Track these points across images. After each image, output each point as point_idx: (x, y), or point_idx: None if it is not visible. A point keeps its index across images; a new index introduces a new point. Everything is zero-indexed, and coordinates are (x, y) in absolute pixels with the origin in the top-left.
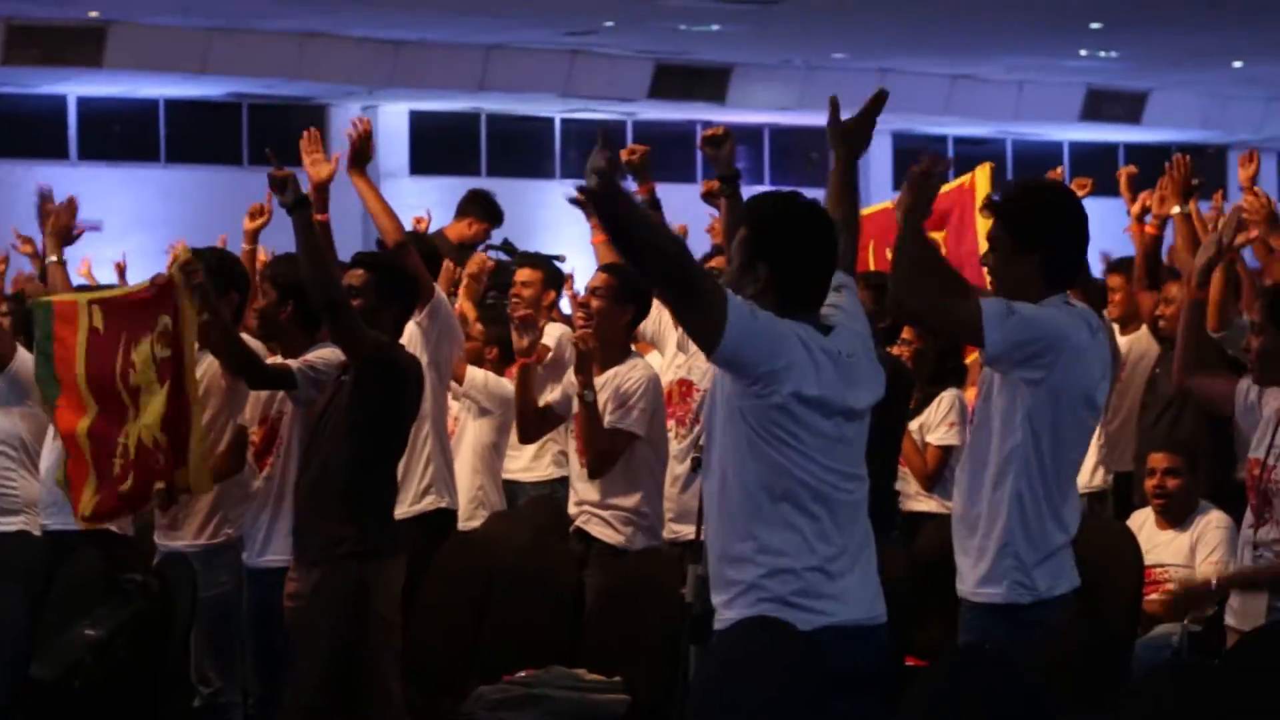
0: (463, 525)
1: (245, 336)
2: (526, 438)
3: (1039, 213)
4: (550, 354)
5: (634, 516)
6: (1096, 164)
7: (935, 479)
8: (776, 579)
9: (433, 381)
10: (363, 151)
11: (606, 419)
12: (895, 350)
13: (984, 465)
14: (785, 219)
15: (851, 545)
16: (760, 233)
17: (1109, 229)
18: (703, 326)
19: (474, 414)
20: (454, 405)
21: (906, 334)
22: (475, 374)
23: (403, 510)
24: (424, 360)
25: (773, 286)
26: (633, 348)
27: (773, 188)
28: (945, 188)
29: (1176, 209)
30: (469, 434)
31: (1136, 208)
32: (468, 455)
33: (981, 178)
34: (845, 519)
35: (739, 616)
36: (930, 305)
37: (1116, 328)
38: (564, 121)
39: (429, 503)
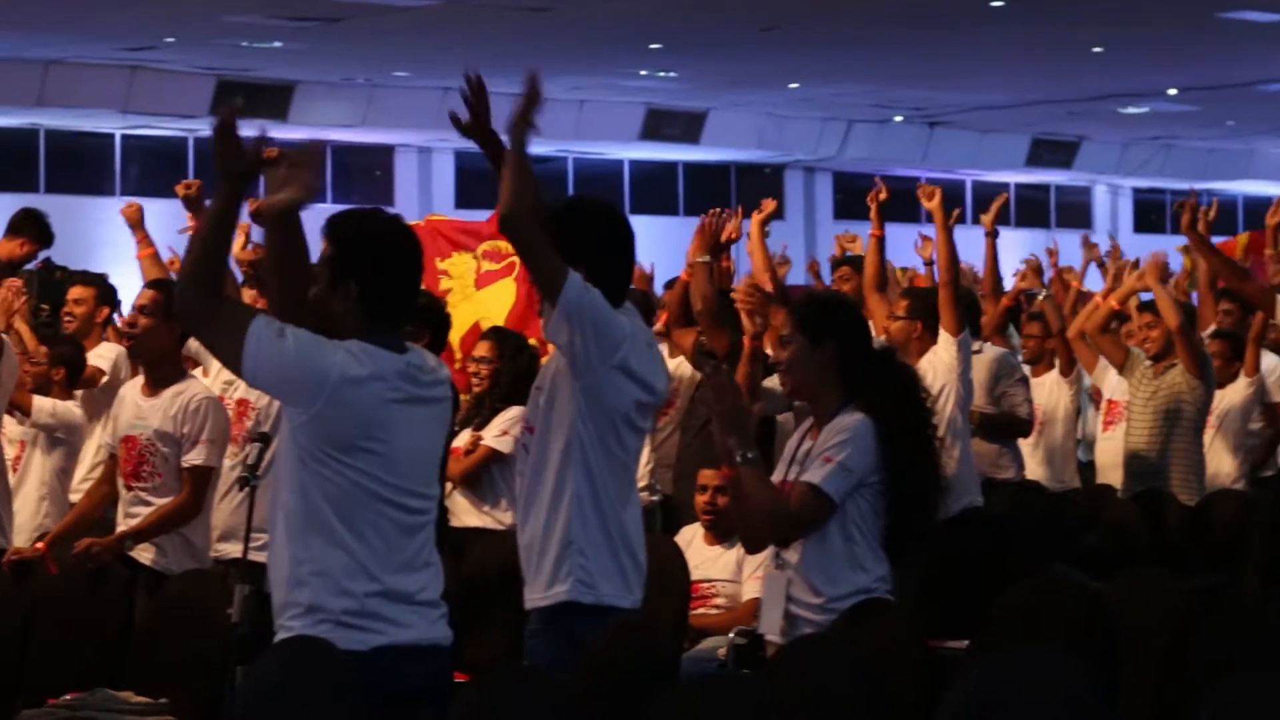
0: None
1: None
2: None
3: (584, 228)
4: (105, 378)
5: (178, 539)
6: (656, 183)
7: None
8: (336, 599)
9: None
10: None
11: None
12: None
13: (541, 474)
14: (370, 235)
15: (416, 563)
16: (346, 250)
17: (668, 247)
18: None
19: (45, 445)
20: (11, 431)
21: (484, 350)
22: (43, 403)
23: None
24: None
25: (361, 304)
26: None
27: (335, 205)
28: None
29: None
30: (35, 465)
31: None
32: (34, 486)
33: None
34: (408, 537)
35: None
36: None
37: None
38: (124, 138)
39: None
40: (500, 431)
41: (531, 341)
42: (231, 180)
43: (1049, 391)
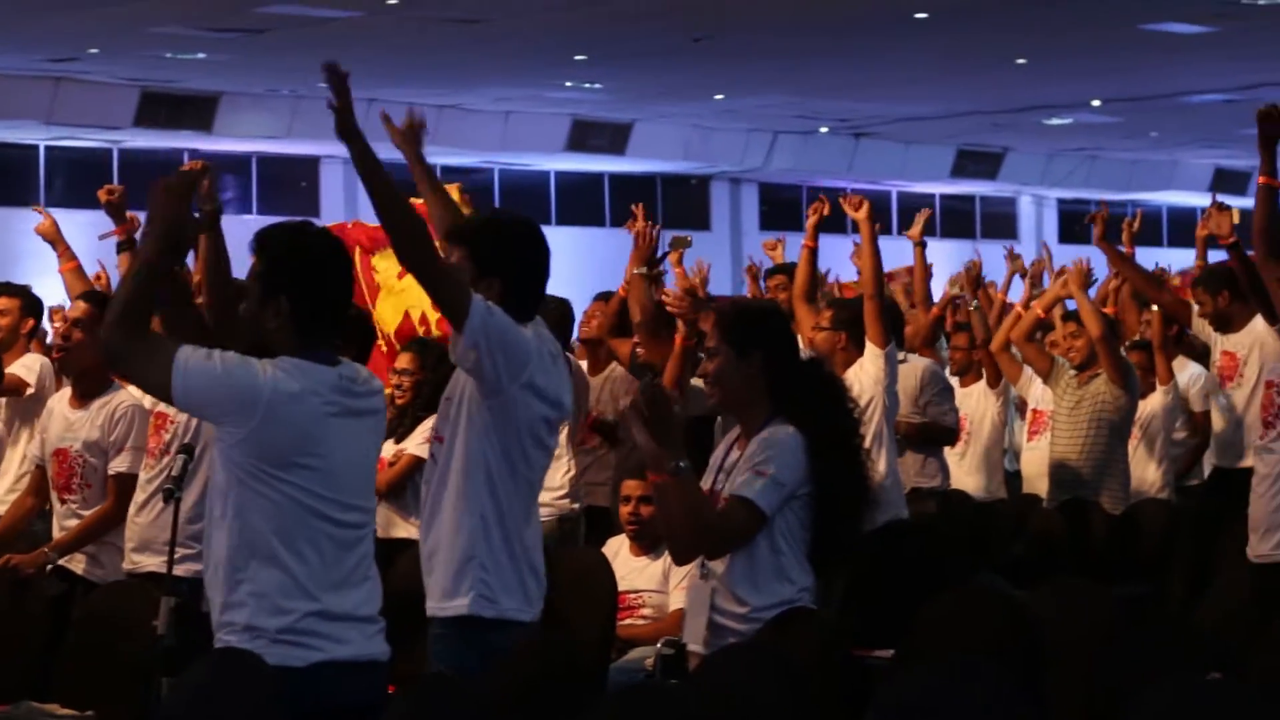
0: None
1: None
2: None
3: (502, 242)
4: (30, 389)
5: (112, 549)
6: (582, 194)
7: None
8: (273, 618)
9: None
10: None
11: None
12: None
13: (446, 485)
14: (300, 250)
15: (354, 579)
16: (276, 266)
17: (594, 257)
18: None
19: None
20: None
21: (405, 362)
22: None
23: None
24: None
25: (293, 319)
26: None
27: (261, 217)
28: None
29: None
30: None
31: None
32: None
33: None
34: (346, 552)
35: None
36: None
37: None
38: (48, 149)
39: None
40: (424, 440)
41: None
42: (166, 231)
43: (976, 402)
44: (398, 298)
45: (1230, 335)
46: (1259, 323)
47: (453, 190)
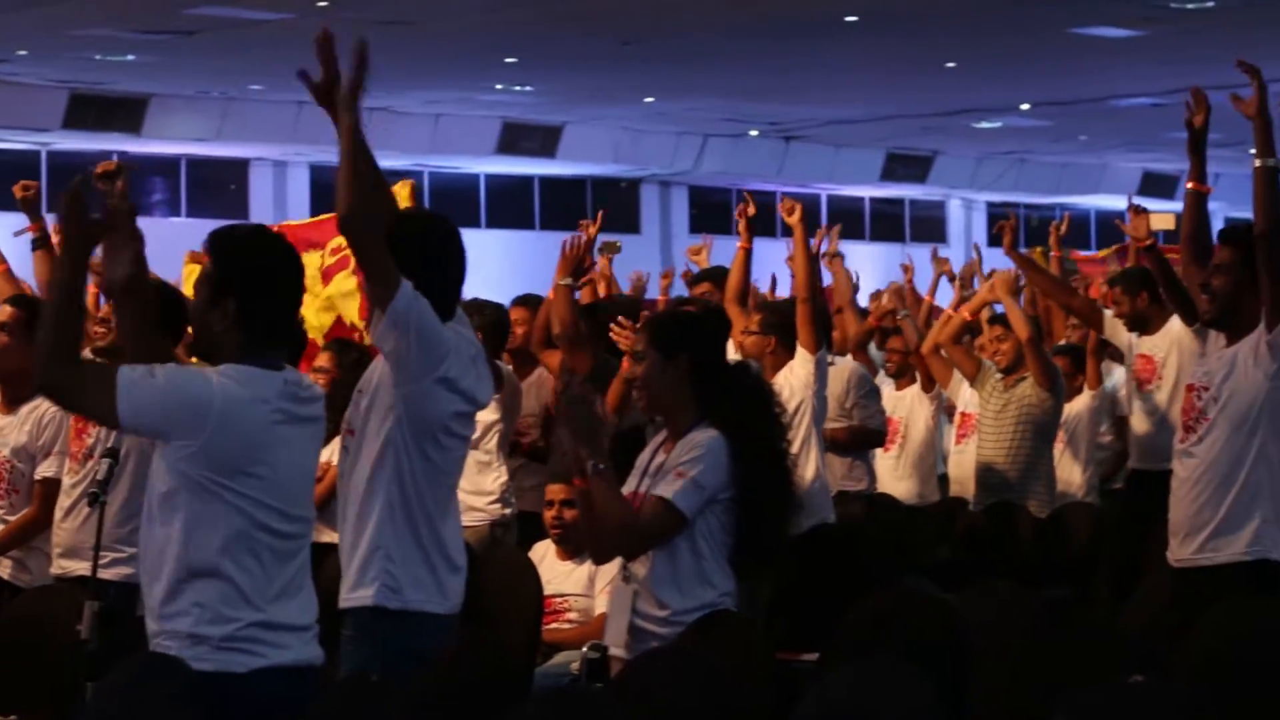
0: None
1: None
2: None
3: (416, 242)
4: None
5: (39, 554)
6: (512, 196)
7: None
8: (214, 627)
9: None
10: None
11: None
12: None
13: (356, 476)
14: (252, 253)
15: (292, 588)
16: (227, 268)
17: (524, 260)
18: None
19: None
20: None
21: (323, 361)
22: None
23: None
24: None
25: (240, 322)
26: None
27: (190, 220)
28: None
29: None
30: None
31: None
32: None
33: (402, 195)
34: (287, 562)
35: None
36: None
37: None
38: None
39: None
40: None
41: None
42: (73, 246)
43: (910, 406)
44: (323, 301)
45: (1147, 338)
46: (1175, 324)
47: (405, 187)
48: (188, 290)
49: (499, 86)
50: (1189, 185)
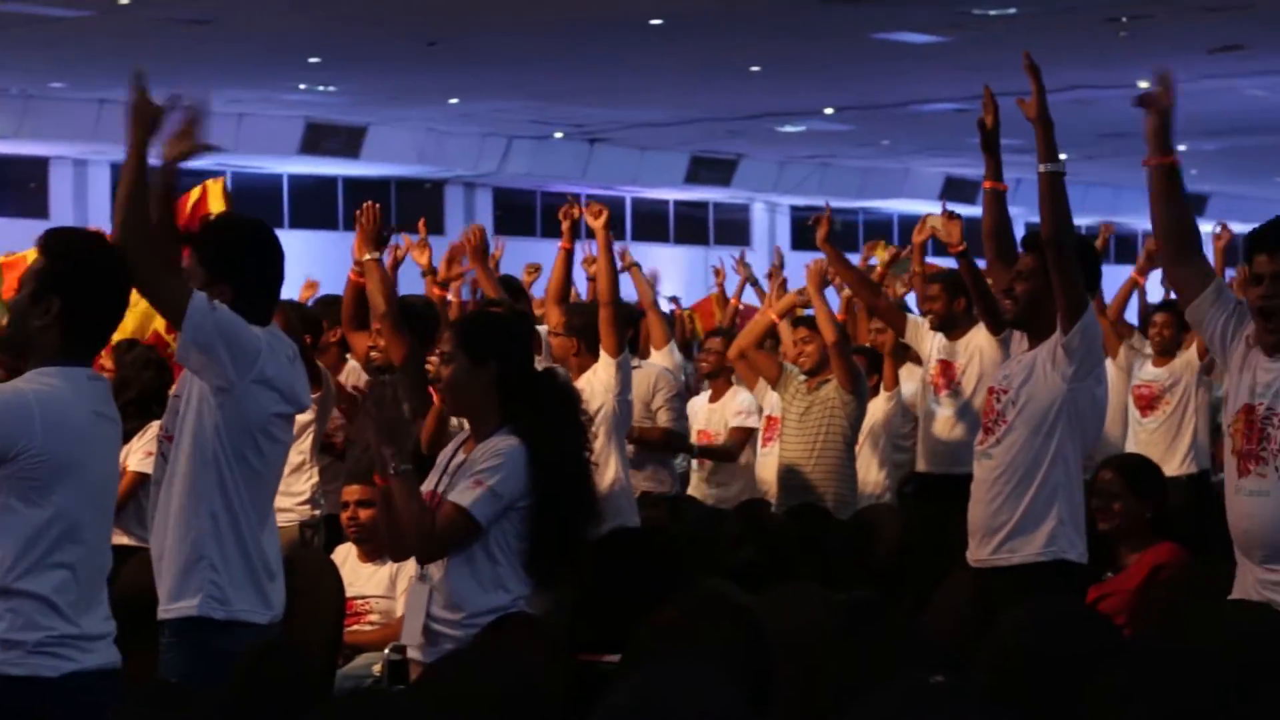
0: None
1: None
2: None
3: (232, 245)
4: None
5: None
6: (316, 197)
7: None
8: (28, 633)
9: None
10: None
11: None
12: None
13: (176, 484)
14: (83, 255)
15: (99, 595)
16: (56, 265)
17: (328, 261)
18: None
19: None
20: None
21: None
22: None
23: None
24: None
25: (61, 322)
26: None
27: None
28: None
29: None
30: None
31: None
32: None
33: (214, 191)
34: (95, 571)
35: None
36: None
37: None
38: None
39: None
40: (145, 454)
41: None
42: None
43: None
44: (143, 309)
45: (949, 343)
46: (980, 333)
47: (218, 185)
48: None
49: (302, 86)
50: (986, 185)
